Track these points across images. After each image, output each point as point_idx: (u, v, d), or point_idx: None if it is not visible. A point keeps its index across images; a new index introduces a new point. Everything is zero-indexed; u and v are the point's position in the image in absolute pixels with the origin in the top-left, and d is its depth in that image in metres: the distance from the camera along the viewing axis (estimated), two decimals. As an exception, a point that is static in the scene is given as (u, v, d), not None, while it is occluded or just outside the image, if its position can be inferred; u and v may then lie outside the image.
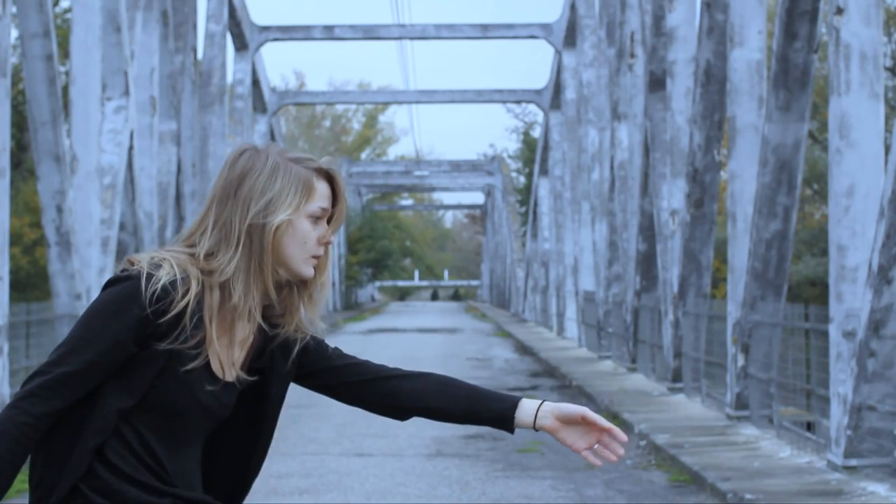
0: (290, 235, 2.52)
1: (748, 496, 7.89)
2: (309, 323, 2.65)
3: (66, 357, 2.40)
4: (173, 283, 2.42)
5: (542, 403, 2.62)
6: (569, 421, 2.60)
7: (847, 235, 8.81)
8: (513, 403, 2.64)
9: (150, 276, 2.41)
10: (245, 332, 2.55)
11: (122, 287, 2.42)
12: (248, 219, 2.49)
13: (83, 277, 14.05)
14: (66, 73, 23.30)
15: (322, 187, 2.56)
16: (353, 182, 55.40)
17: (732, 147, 11.86)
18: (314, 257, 2.56)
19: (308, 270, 2.56)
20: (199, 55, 22.68)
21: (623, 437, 2.60)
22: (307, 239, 2.54)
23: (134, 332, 2.41)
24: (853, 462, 8.47)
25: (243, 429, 2.65)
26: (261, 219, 2.49)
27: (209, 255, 2.50)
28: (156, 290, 2.40)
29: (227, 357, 2.53)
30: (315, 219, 2.55)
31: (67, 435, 2.44)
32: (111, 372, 2.43)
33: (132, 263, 2.45)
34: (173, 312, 2.42)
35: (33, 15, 12.66)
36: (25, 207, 31.34)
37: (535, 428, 2.62)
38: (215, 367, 2.51)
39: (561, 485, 9.01)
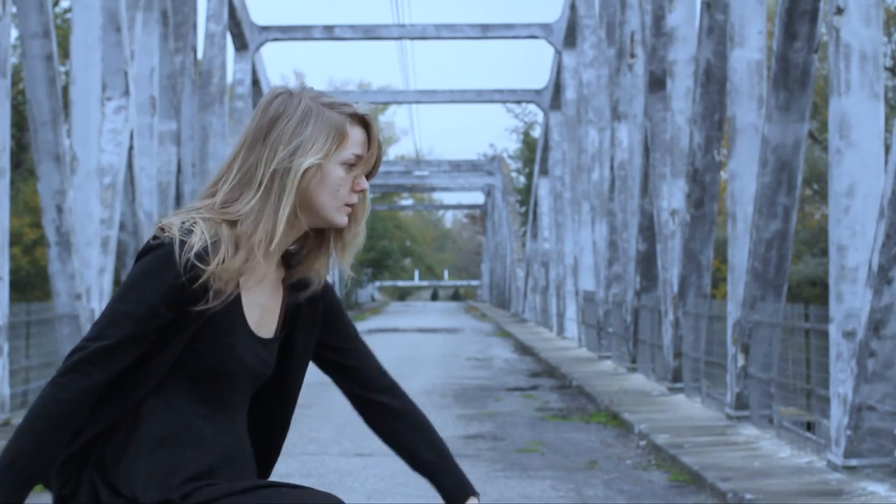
0: (322, 182, 2.47)
1: (748, 496, 7.89)
2: (336, 268, 2.62)
3: (104, 330, 2.37)
4: (205, 248, 2.39)
5: (470, 499, 2.70)
6: None
7: (847, 235, 8.80)
8: (464, 495, 2.71)
9: (182, 243, 2.38)
10: (262, 272, 2.50)
11: (156, 256, 2.39)
12: (273, 163, 2.44)
13: (83, 277, 14.05)
14: (66, 73, 23.30)
15: (357, 133, 2.50)
16: (353, 182, 55.24)
17: (732, 147, 11.86)
18: (348, 205, 2.51)
19: (341, 219, 2.51)
20: (199, 55, 22.68)
21: None
22: (340, 186, 2.48)
23: (170, 300, 2.38)
24: (853, 462, 8.47)
25: (270, 385, 2.62)
26: (287, 163, 2.43)
27: (229, 202, 2.45)
28: (189, 257, 2.37)
29: (252, 301, 2.49)
30: (349, 166, 2.49)
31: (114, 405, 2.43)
32: (151, 341, 2.41)
33: (163, 230, 2.41)
34: (207, 276, 2.39)
35: (33, 15, 12.67)
36: (25, 207, 31.37)
37: None
38: (246, 313, 2.49)
39: (561, 485, 9.01)
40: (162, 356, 2.42)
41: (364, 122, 2.52)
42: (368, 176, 2.55)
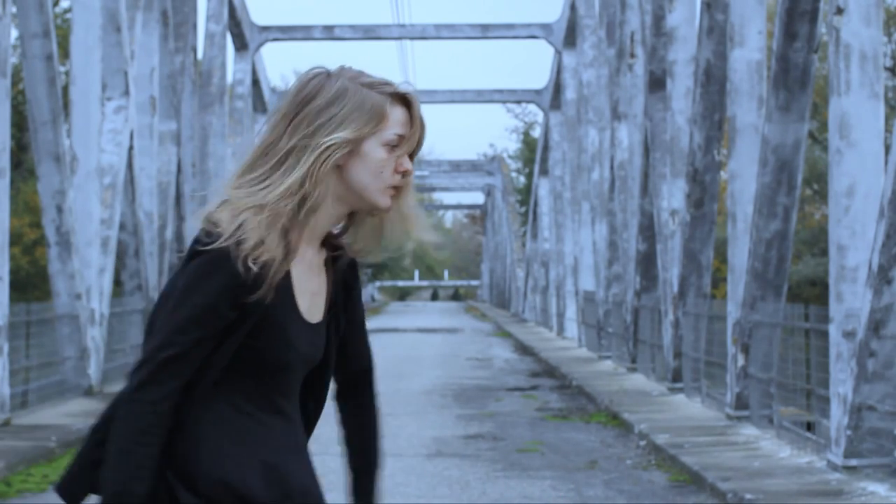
0: (363, 164, 2.40)
1: (748, 496, 7.89)
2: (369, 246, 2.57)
3: (171, 337, 2.32)
4: (259, 242, 2.33)
5: None
6: None
7: (847, 235, 8.81)
8: None
9: (238, 243, 2.31)
10: (308, 259, 2.46)
11: (213, 257, 2.32)
12: (292, 141, 2.37)
13: (83, 277, 14.05)
14: (66, 73, 23.30)
15: (398, 113, 2.44)
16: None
17: (732, 147, 11.86)
18: (392, 187, 2.43)
19: (385, 201, 2.43)
20: (199, 55, 22.68)
21: None
22: (383, 168, 2.41)
23: (231, 299, 2.33)
24: (853, 462, 8.47)
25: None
26: (305, 140, 2.36)
27: (247, 185, 2.39)
28: (246, 254, 2.31)
29: (302, 288, 2.45)
30: (391, 147, 2.42)
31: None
32: (218, 340, 2.36)
33: (215, 224, 2.34)
34: (262, 269, 2.34)
35: (33, 15, 12.67)
36: (25, 207, 31.39)
37: None
38: (298, 301, 2.45)
39: (561, 485, 9.01)
40: (220, 352, 2.38)
41: (405, 101, 2.46)
42: (411, 156, 2.48)
